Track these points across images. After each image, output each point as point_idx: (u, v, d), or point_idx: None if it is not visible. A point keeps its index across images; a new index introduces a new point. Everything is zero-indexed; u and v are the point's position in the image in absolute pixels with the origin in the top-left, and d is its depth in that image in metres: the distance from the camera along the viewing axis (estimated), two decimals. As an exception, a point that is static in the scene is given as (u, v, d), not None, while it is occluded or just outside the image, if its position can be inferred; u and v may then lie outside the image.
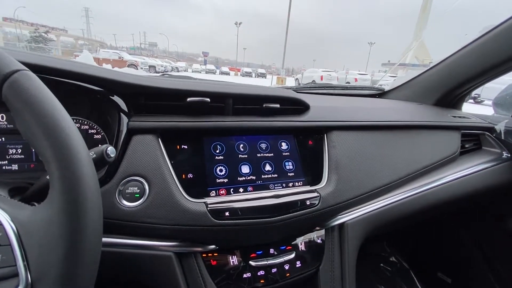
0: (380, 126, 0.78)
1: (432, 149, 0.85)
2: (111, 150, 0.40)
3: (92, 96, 0.54)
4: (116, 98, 0.53)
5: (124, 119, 0.52)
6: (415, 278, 1.29)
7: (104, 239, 0.46)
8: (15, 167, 0.54)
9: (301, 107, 0.71)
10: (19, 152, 0.54)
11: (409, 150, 0.81)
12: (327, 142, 0.69)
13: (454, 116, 1.00)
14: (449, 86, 1.04)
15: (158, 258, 0.48)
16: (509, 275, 1.04)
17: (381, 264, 1.37)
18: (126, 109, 0.53)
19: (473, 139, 1.00)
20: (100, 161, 0.41)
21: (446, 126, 0.91)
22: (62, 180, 0.27)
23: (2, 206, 0.28)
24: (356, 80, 17.74)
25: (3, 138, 0.54)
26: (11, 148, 0.54)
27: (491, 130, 1.03)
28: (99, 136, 0.58)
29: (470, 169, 0.88)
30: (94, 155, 0.41)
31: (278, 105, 0.65)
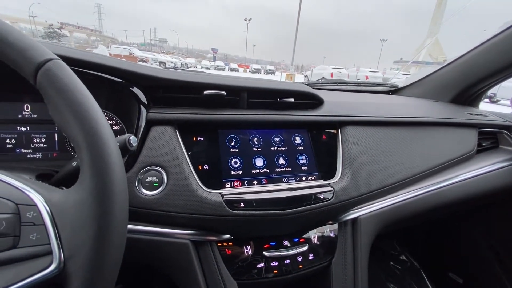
0: (395, 122, 0.77)
1: (448, 146, 0.84)
2: (133, 139, 0.41)
3: (112, 88, 0.56)
4: (135, 90, 0.55)
5: (143, 110, 0.54)
6: (425, 278, 1.27)
7: None
8: (39, 155, 0.56)
9: (315, 102, 0.71)
10: (43, 141, 0.57)
11: (425, 147, 0.80)
12: (341, 137, 0.69)
13: (471, 114, 0.97)
14: (467, 83, 1.02)
15: (176, 245, 0.49)
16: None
17: (391, 263, 1.36)
18: (145, 101, 0.54)
19: (491, 137, 0.98)
20: (122, 150, 0.43)
21: (463, 124, 0.89)
22: (92, 165, 0.28)
23: (36, 188, 0.30)
24: (367, 77, 17.44)
25: (28, 128, 0.56)
26: (36, 137, 0.56)
27: (509, 128, 1.00)
28: (118, 127, 0.60)
29: (487, 167, 0.87)
30: (118, 144, 0.42)
31: (292, 99, 0.66)
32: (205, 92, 0.57)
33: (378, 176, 0.67)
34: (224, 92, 0.58)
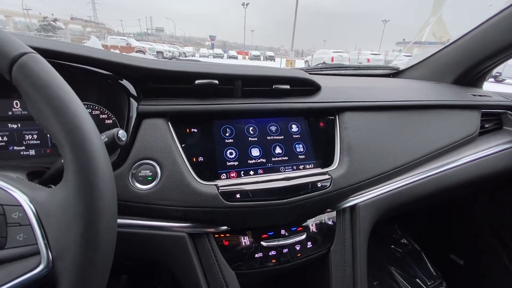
0: (395, 106, 0.75)
1: (450, 129, 0.82)
2: (122, 134, 0.40)
3: (101, 81, 0.54)
4: (125, 82, 0.53)
5: (134, 103, 0.52)
6: (426, 260, 1.29)
7: (120, 221, 0.47)
8: (32, 152, 0.56)
9: (312, 88, 0.69)
10: (35, 137, 0.56)
11: (425, 130, 0.78)
12: (339, 123, 0.68)
13: (474, 95, 0.95)
14: (470, 63, 0.98)
15: (172, 238, 0.49)
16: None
17: (392, 246, 1.37)
18: (135, 93, 0.53)
19: (494, 118, 0.96)
20: (111, 145, 0.42)
21: (465, 105, 0.86)
22: (75, 161, 0.27)
23: (21, 188, 0.29)
24: (368, 60, 17.08)
25: (19, 125, 0.55)
26: (27, 134, 0.56)
27: None
28: (110, 121, 0.59)
29: (490, 149, 0.85)
30: (106, 139, 0.41)
31: (288, 86, 0.64)
32: (197, 81, 0.55)
33: (377, 162, 0.66)
34: (216, 81, 0.56)
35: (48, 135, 0.55)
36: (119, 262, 0.82)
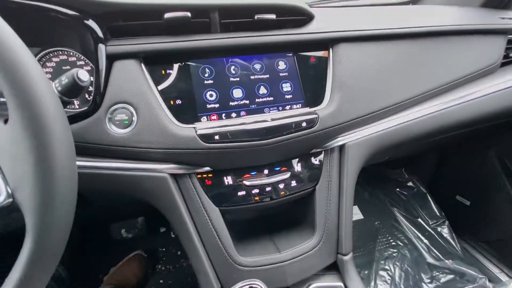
0: (398, 35, 0.66)
1: (464, 60, 0.72)
2: (82, 74, 0.38)
3: (67, 23, 0.51)
4: (90, 22, 0.49)
5: (101, 45, 0.49)
6: (431, 201, 1.29)
7: (102, 164, 0.49)
8: None
9: (302, 18, 0.61)
10: None
11: (431, 63, 0.69)
12: (332, 57, 0.61)
13: (503, 18, 0.80)
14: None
15: (155, 179, 0.51)
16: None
17: (397, 189, 1.38)
18: (101, 34, 0.49)
19: (524, 46, 0.82)
20: (74, 86, 0.40)
21: (487, 30, 0.74)
22: (12, 94, 0.26)
23: None
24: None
25: None
26: None
27: None
28: (88, 68, 0.57)
29: (509, 82, 0.75)
30: (66, 80, 0.40)
31: (273, 16, 0.56)
32: (166, 15, 0.50)
33: (371, 99, 0.61)
34: (189, 14, 0.51)
35: None
36: (129, 202, 0.89)
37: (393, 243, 1.20)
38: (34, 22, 0.51)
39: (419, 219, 1.26)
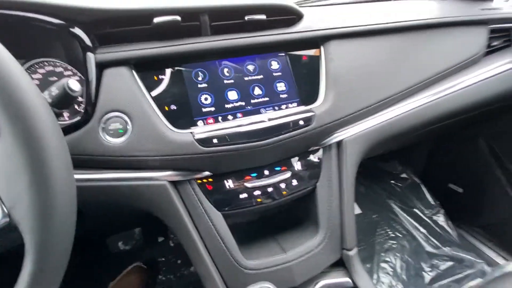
0: (387, 30, 0.67)
1: (449, 51, 0.74)
2: (72, 83, 0.37)
3: (53, 32, 0.49)
4: (76, 30, 0.48)
5: (89, 53, 0.48)
6: (425, 191, 1.32)
7: (98, 175, 0.47)
8: None
9: (292, 17, 0.61)
10: None
11: (421, 55, 0.71)
12: (324, 55, 0.61)
13: (483, 9, 0.83)
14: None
15: (154, 187, 0.50)
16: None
17: (392, 181, 1.40)
18: (89, 42, 0.48)
19: (504, 35, 0.85)
20: (65, 97, 0.39)
21: (469, 21, 0.76)
22: (4, 109, 0.25)
23: None
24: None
25: None
26: None
27: None
28: (77, 78, 0.55)
29: (495, 69, 0.77)
30: (57, 90, 0.39)
31: (264, 16, 0.56)
32: (155, 20, 0.49)
33: (365, 94, 0.62)
34: (178, 17, 0.50)
35: None
36: (125, 214, 0.87)
37: (392, 235, 1.21)
38: (16, 33, 0.49)
39: (415, 209, 1.28)
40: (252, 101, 0.57)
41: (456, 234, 1.21)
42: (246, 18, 0.55)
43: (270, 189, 0.55)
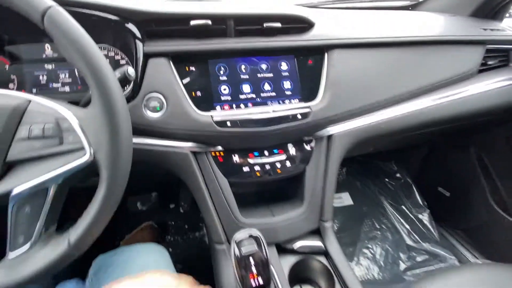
0: (386, 43, 0.77)
1: (444, 67, 0.83)
2: (130, 71, 0.51)
3: (112, 26, 0.63)
4: (130, 26, 0.61)
5: (139, 44, 0.61)
6: (416, 191, 1.42)
7: (139, 140, 0.62)
8: (67, 88, 0.69)
9: (304, 26, 0.72)
10: (67, 76, 0.68)
11: (417, 68, 0.80)
12: (327, 61, 0.72)
13: (485, 29, 0.90)
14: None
15: (179, 154, 0.64)
16: (506, 191, 1.11)
17: (386, 179, 1.51)
18: (140, 36, 0.61)
19: (501, 55, 0.92)
20: (124, 79, 0.53)
21: (467, 41, 0.84)
22: (97, 88, 0.39)
23: (66, 107, 0.42)
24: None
25: (53, 65, 0.68)
26: (61, 74, 0.68)
27: None
28: (124, 61, 0.69)
29: (486, 86, 0.85)
30: (119, 75, 0.53)
31: (279, 24, 0.68)
32: (192, 22, 0.62)
33: (358, 97, 0.72)
34: (209, 21, 0.62)
35: (77, 73, 0.68)
36: (148, 178, 1.03)
37: (378, 227, 1.34)
38: (84, 24, 0.63)
39: (403, 207, 1.40)
40: (262, 94, 0.69)
41: (437, 233, 1.32)
42: (264, 25, 0.67)
43: (268, 167, 0.69)
